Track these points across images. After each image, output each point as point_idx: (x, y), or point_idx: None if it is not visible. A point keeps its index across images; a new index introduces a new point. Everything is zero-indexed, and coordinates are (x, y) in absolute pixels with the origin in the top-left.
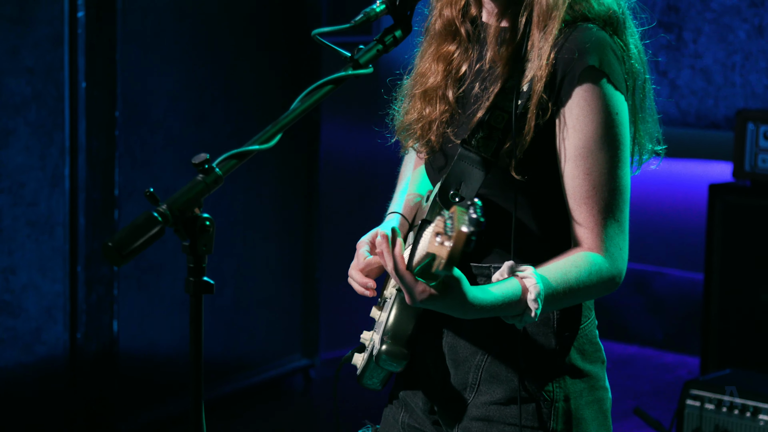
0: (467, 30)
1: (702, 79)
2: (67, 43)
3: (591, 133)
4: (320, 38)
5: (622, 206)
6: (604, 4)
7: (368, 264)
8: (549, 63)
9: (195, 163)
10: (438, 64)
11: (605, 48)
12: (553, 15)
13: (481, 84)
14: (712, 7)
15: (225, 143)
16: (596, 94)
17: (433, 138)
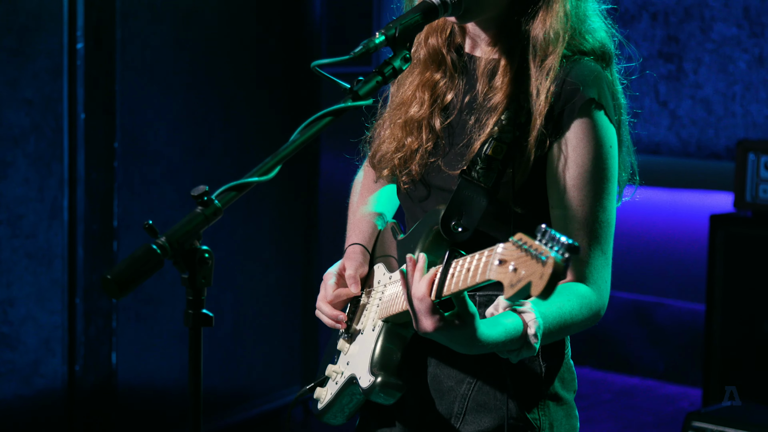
0: (453, 59)
1: (702, 109)
2: (66, 75)
3: (587, 164)
4: (319, 70)
5: (609, 238)
6: (598, 39)
7: (337, 296)
8: (549, 96)
9: (194, 195)
10: (422, 92)
11: (602, 81)
12: (552, 49)
13: (474, 115)
14: (712, 38)
15: (224, 174)
16: (594, 127)
17: (414, 168)
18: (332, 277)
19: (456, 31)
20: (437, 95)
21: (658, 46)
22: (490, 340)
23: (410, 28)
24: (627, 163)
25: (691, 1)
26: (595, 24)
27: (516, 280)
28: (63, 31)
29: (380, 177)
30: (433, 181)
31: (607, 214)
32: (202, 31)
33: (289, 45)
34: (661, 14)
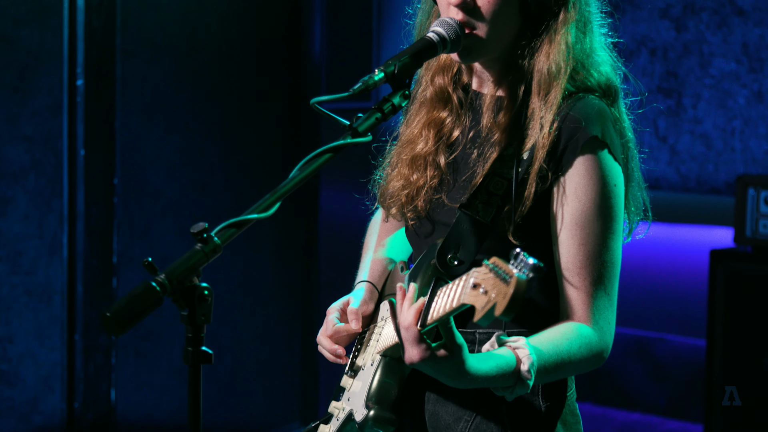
0: (459, 97)
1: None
2: (66, 112)
3: (590, 202)
4: (319, 107)
5: (613, 279)
6: (603, 74)
7: (337, 331)
8: (552, 132)
9: (193, 233)
10: (429, 130)
11: (606, 119)
12: (555, 83)
13: (478, 150)
14: (711, 73)
15: (224, 211)
16: (597, 165)
17: (420, 204)
18: (335, 311)
19: (463, 69)
20: (443, 133)
21: (657, 81)
22: (480, 373)
23: (409, 65)
24: (639, 199)
25: (689, 37)
26: (600, 57)
27: (485, 302)
28: (63, 68)
29: (389, 215)
30: (437, 216)
31: (611, 253)
32: (202, 68)
33: (288, 81)
34: (660, 50)
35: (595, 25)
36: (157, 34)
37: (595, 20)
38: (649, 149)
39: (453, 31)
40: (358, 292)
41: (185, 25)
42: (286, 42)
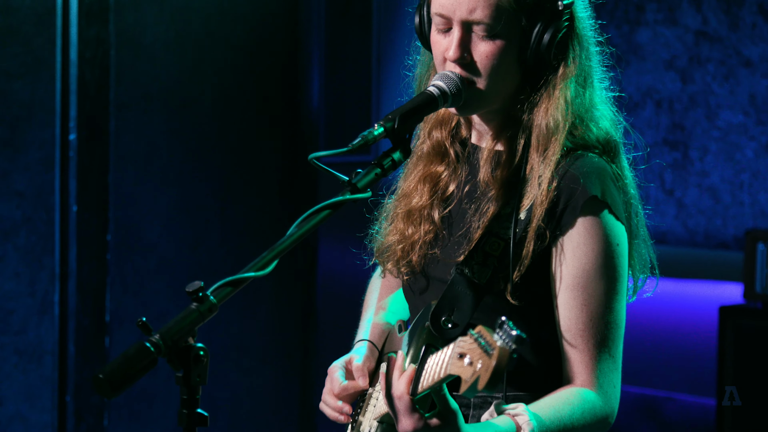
0: (456, 151)
1: (709, 197)
2: (59, 166)
3: (591, 263)
4: (317, 162)
5: (617, 341)
6: (603, 129)
7: (345, 389)
8: (551, 190)
9: (189, 292)
10: (424, 184)
11: (606, 178)
12: (554, 139)
13: (473, 206)
14: (718, 125)
15: (220, 268)
16: (598, 225)
17: (414, 259)
18: (339, 369)
19: (461, 122)
20: (439, 187)
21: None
22: None
23: (410, 120)
24: (645, 256)
25: (696, 89)
26: (600, 112)
27: (470, 374)
28: (56, 121)
29: (384, 270)
30: (432, 272)
31: (614, 314)
32: (197, 121)
33: (286, 135)
34: (665, 102)
35: (595, 79)
36: (152, 87)
37: (595, 74)
38: (655, 203)
39: (454, 85)
40: (360, 350)
41: (181, 78)
42: (283, 95)
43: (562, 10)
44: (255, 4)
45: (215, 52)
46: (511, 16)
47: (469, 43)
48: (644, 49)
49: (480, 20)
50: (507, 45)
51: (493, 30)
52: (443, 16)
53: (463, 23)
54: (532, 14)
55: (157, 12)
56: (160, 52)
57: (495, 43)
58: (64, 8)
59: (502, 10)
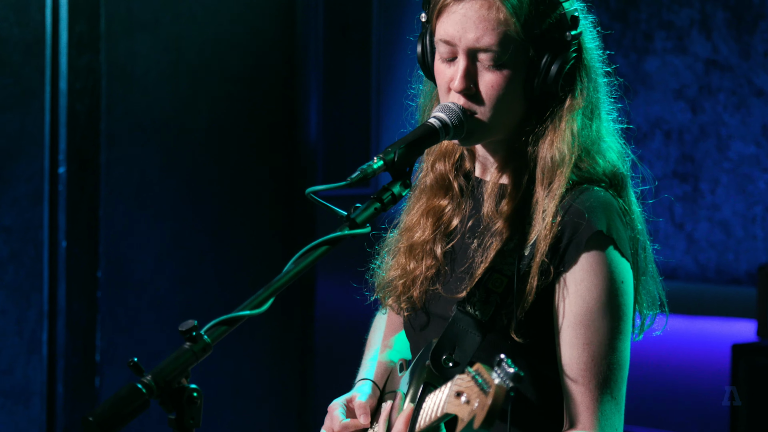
0: (460, 184)
1: (721, 231)
2: (47, 201)
3: (594, 300)
4: (314, 197)
5: (620, 382)
6: (610, 161)
7: (346, 426)
8: (555, 225)
9: (182, 331)
10: (427, 218)
11: (612, 212)
12: (559, 172)
13: (477, 241)
14: (729, 156)
15: (214, 306)
16: (602, 261)
17: (415, 295)
18: (339, 407)
19: (465, 155)
20: (442, 222)
21: (672, 165)
22: None
23: (410, 153)
24: (653, 293)
25: (706, 119)
26: (607, 144)
27: (467, 412)
28: (44, 154)
29: (385, 306)
30: (433, 308)
31: (617, 355)
32: (191, 153)
33: (283, 168)
34: (675, 132)
35: (603, 111)
36: (145, 118)
37: (603, 106)
38: (665, 237)
39: (456, 116)
40: (362, 388)
41: (174, 109)
42: (280, 126)
43: (570, 41)
44: (251, 33)
45: (210, 82)
46: (519, 45)
47: (475, 73)
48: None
49: (487, 48)
50: (513, 75)
51: (500, 59)
52: (449, 43)
53: (469, 52)
54: (540, 44)
55: (150, 41)
56: (153, 82)
57: (501, 73)
58: (53, 37)
59: (510, 39)
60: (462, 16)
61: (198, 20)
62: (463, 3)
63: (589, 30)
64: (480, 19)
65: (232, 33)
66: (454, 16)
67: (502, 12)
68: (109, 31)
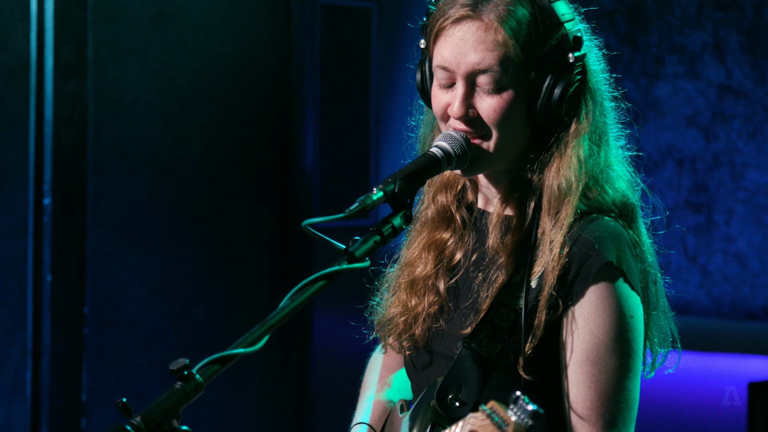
0: (462, 217)
1: (736, 264)
2: (32, 233)
3: (602, 336)
4: (311, 229)
5: (628, 422)
6: (619, 191)
7: None
8: (563, 256)
9: (173, 370)
10: (428, 252)
11: (622, 243)
12: (566, 201)
13: (482, 274)
14: (744, 186)
15: (206, 343)
16: (611, 294)
17: (417, 332)
18: None
19: (468, 186)
20: (444, 256)
21: (685, 195)
22: None
23: (411, 184)
24: (665, 329)
25: (720, 147)
26: (616, 173)
27: None
28: (29, 185)
29: (385, 345)
30: (436, 347)
31: (626, 393)
32: (182, 184)
33: (278, 199)
34: (687, 161)
35: (611, 137)
36: (134, 147)
37: (611, 132)
38: (678, 270)
39: (459, 145)
40: None
41: (164, 137)
42: (275, 155)
43: (574, 63)
44: (244, 59)
45: (201, 109)
46: (519, 68)
47: (474, 98)
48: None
49: (486, 69)
50: (515, 99)
51: (500, 83)
52: (446, 69)
53: (467, 76)
54: (542, 67)
55: (139, 67)
56: (143, 110)
57: (502, 96)
58: (38, 63)
59: (510, 61)
60: (459, 39)
61: (189, 45)
62: (460, 26)
63: (594, 52)
64: (478, 41)
65: (224, 59)
66: (451, 39)
67: (501, 34)
68: (97, 57)
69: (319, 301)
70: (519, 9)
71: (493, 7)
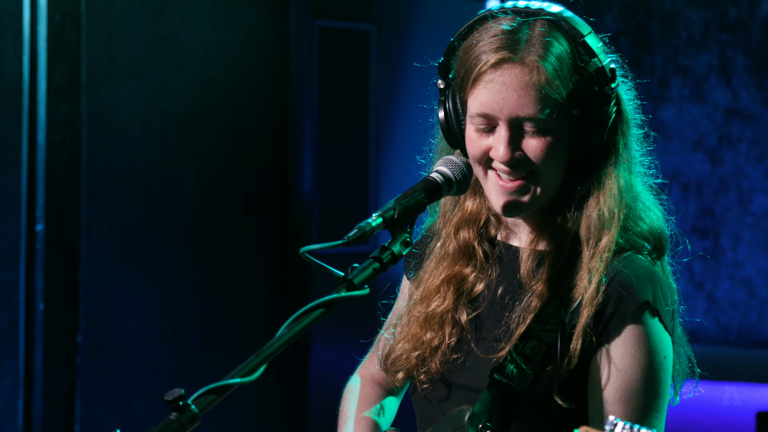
0: (485, 250)
1: (743, 291)
2: (24, 260)
3: (636, 375)
4: (309, 256)
5: None
6: (654, 221)
7: None
8: (600, 293)
9: (168, 401)
10: (448, 286)
11: (657, 283)
12: (607, 231)
13: (510, 306)
14: (751, 211)
15: (202, 372)
16: (647, 334)
17: (434, 366)
18: None
19: (491, 220)
20: (464, 289)
21: (691, 220)
22: None
23: (411, 210)
24: (683, 356)
25: (726, 171)
26: (646, 202)
27: None
28: (21, 211)
29: (394, 381)
30: (455, 379)
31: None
32: (177, 209)
33: (275, 225)
34: (693, 185)
35: (638, 165)
36: (128, 172)
37: (638, 160)
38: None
39: (459, 171)
40: None
41: (159, 162)
42: (272, 180)
43: (611, 95)
44: (240, 82)
45: (197, 133)
46: (562, 107)
47: (519, 141)
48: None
49: (532, 116)
50: (558, 137)
51: (546, 125)
52: (488, 116)
53: (511, 121)
54: (582, 101)
55: (133, 90)
56: (137, 134)
57: (545, 138)
58: (31, 86)
59: (553, 102)
60: (501, 84)
61: (184, 69)
62: (501, 70)
63: (624, 80)
64: (522, 86)
65: (220, 82)
66: (492, 85)
67: (543, 74)
68: (90, 80)
69: (318, 330)
70: (556, 46)
71: (531, 46)
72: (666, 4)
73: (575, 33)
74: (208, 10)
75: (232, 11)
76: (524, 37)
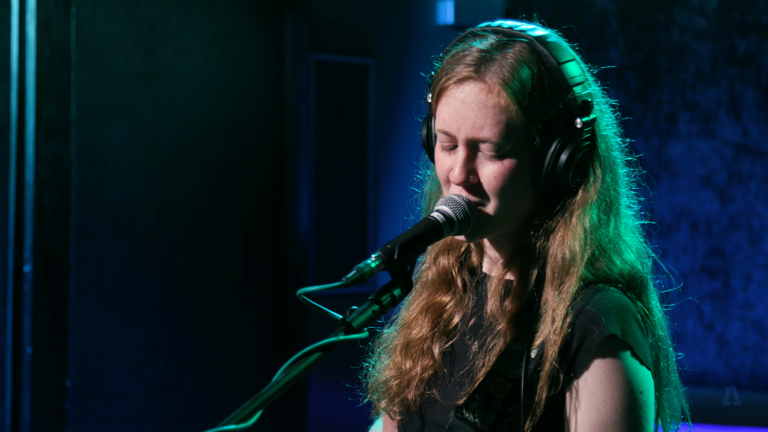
0: (464, 279)
1: (755, 333)
2: (11, 302)
3: (610, 413)
4: (306, 298)
5: None
6: (627, 261)
7: None
8: (565, 327)
9: None
10: (426, 315)
11: (628, 315)
12: (571, 271)
13: (479, 341)
14: (763, 250)
15: (195, 418)
16: (618, 369)
17: (410, 397)
18: None
19: (472, 248)
20: (442, 319)
21: (700, 260)
22: None
23: (411, 251)
24: (676, 405)
25: (736, 209)
26: (625, 243)
27: None
28: (8, 251)
29: (378, 409)
30: (428, 414)
31: None
32: (170, 251)
33: (271, 266)
34: (702, 224)
35: (622, 206)
36: (118, 212)
37: (622, 200)
38: (693, 339)
39: (461, 210)
40: None
41: (151, 201)
42: (268, 219)
43: (582, 129)
44: (235, 118)
45: (190, 171)
46: (522, 134)
47: (476, 164)
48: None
49: (487, 139)
50: (518, 165)
51: (502, 149)
52: (447, 133)
53: (468, 142)
54: (547, 132)
55: (125, 127)
56: (128, 172)
57: (503, 163)
58: (19, 123)
59: (512, 128)
60: (461, 102)
61: (177, 105)
62: (462, 87)
63: (607, 116)
64: (479, 105)
65: (214, 118)
66: (452, 101)
67: (503, 98)
68: (80, 117)
69: (315, 375)
70: (524, 70)
71: (497, 68)
72: (673, 37)
73: (551, 60)
74: (201, 44)
75: (227, 45)
76: (493, 58)
